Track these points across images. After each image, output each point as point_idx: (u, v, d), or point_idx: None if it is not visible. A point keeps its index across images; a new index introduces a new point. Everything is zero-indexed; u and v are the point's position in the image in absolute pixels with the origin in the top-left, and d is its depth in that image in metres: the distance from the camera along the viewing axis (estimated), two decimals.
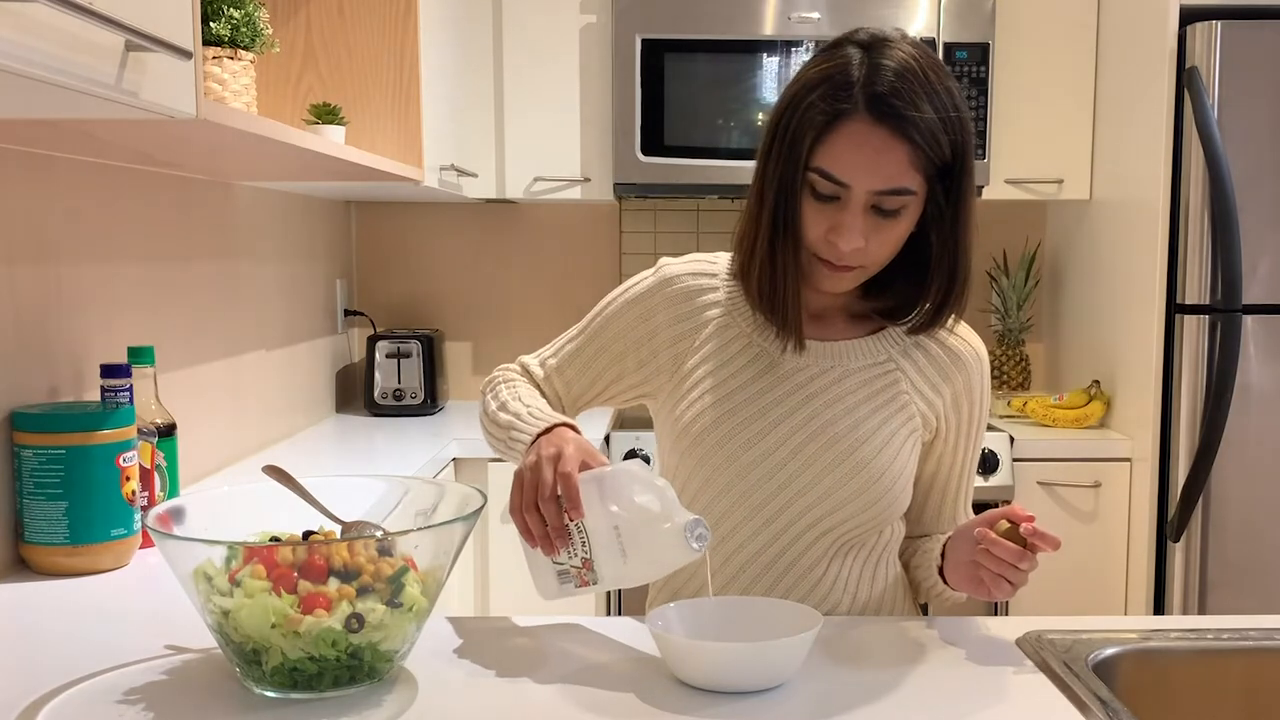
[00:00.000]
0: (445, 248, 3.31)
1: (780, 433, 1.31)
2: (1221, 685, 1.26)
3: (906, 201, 1.22)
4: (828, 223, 1.23)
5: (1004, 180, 2.92)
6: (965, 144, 1.23)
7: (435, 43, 2.50)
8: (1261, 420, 2.52)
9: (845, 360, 1.34)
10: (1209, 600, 2.55)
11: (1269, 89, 2.47)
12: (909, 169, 1.20)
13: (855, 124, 1.19)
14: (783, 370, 1.33)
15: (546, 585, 1.20)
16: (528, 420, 1.28)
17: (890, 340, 1.36)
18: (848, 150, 1.20)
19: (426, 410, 3.02)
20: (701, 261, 1.41)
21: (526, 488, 1.16)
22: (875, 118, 1.18)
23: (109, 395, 1.55)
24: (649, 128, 2.79)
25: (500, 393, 1.39)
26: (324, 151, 1.77)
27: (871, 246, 1.24)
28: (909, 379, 1.34)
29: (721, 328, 1.36)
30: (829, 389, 1.32)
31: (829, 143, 1.20)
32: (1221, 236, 2.44)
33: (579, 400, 1.44)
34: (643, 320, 1.39)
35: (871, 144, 1.19)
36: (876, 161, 1.19)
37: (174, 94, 1.20)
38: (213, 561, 1.03)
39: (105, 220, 1.81)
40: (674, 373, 1.37)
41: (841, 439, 1.30)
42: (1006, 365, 3.10)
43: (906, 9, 2.74)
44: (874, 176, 1.20)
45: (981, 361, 1.39)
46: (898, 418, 1.33)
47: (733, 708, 1.05)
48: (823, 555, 1.33)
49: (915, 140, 1.18)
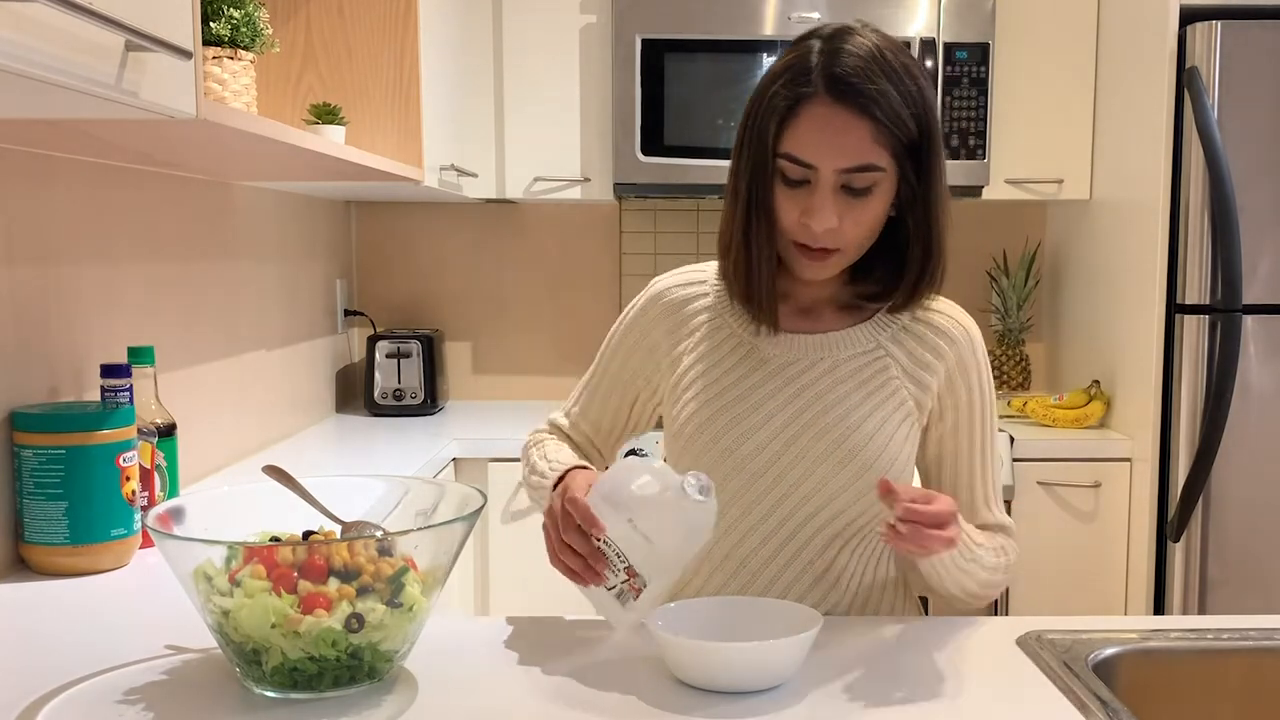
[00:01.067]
0: (445, 248, 3.30)
1: (773, 426, 1.32)
2: (1221, 685, 1.26)
3: (876, 179, 1.24)
4: (800, 207, 1.26)
5: (1004, 180, 2.91)
6: (930, 121, 1.25)
7: (435, 43, 2.50)
8: (1261, 420, 2.51)
9: (835, 351, 1.35)
10: (1209, 600, 2.55)
11: (1269, 89, 2.47)
12: (873, 146, 1.22)
13: (816, 106, 1.22)
14: (773, 365, 1.35)
15: (616, 616, 1.19)
16: (547, 475, 1.34)
17: (878, 327, 1.37)
18: (811, 132, 1.23)
19: (426, 410, 3.02)
20: (691, 271, 1.44)
21: (550, 530, 1.20)
22: (835, 98, 1.21)
23: (109, 395, 1.55)
24: (649, 128, 2.79)
25: (531, 457, 1.44)
26: (324, 151, 1.77)
27: (846, 227, 1.25)
28: (899, 364, 1.35)
29: (713, 329, 1.38)
30: (819, 380, 1.34)
31: (793, 127, 1.23)
32: (1221, 236, 2.44)
33: (610, 436, 1.49)
34: (642, 339, 1.43)
35: (834, 124, 1.22)
36: (840, 140, 1.22)
37: (174, 94, 1.20)
38: (213, 561, 1.03)
39: (105, 220, 1.81)
40: (671, 376, 1.40)
41: (832, 429, 1.31)
42: (1006, 365, 3.10)
43: (906, 9, 2.74)
44: (839, 155, 1.22)
45: (972, 337, 1.37)
46: (889, 404, 1.33)
47: (733, 708, 1.05)
48: (825, 546, 1.33)
49: (877, 117, 1.21)
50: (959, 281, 3.27)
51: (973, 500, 1.38)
